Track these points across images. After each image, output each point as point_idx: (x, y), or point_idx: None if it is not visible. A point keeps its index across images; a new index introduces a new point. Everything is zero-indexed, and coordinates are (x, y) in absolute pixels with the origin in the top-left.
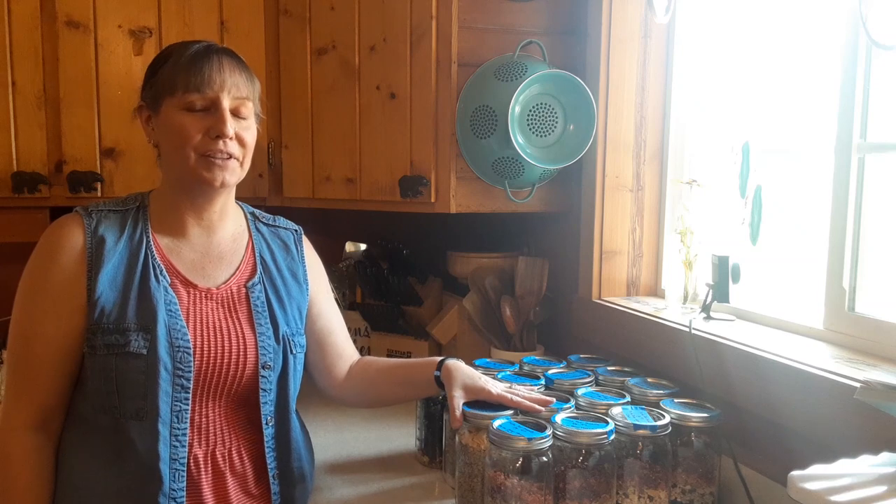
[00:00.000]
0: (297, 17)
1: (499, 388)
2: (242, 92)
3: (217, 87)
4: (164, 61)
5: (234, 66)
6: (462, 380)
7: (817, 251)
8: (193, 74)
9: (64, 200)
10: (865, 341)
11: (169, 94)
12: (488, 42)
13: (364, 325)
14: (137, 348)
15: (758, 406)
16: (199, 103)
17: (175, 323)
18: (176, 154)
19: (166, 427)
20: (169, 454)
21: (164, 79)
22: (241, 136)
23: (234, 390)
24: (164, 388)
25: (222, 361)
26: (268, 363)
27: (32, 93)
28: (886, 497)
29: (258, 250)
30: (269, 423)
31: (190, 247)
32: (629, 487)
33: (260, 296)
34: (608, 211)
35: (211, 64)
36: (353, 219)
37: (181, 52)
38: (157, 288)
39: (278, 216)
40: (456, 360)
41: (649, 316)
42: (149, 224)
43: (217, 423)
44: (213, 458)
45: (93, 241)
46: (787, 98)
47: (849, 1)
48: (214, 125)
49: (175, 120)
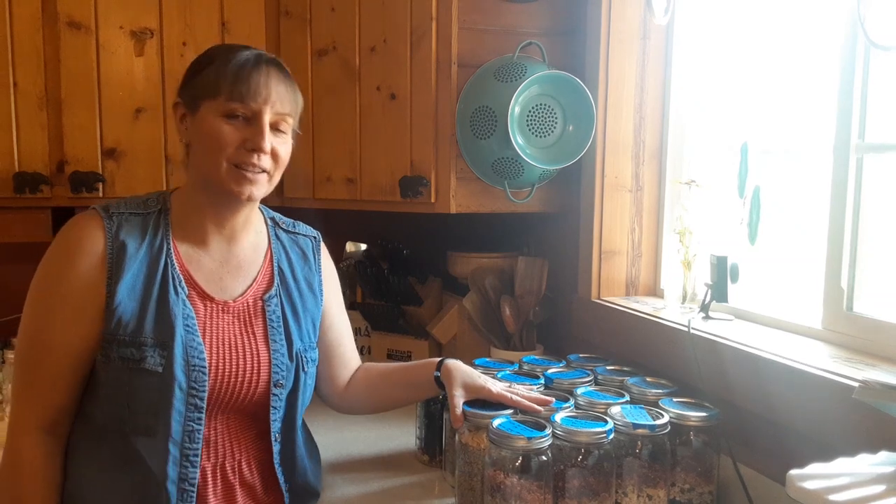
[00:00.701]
0: (298, 18)
1: (498, 387)
2: (286, 108)
3: (261, 99)
4: (208, 62)
5: (282, 79)
6: (462, 379)
7: (815, 251)
8: (240, 83)
9: (65, 201)
10: (864, 341)
11: (210, 97)
12: (488, 43)
13: (364, 325)
14: (153, 365)
15: (756, 405)
16: (240, 112)
17: (192, 340)
18: (208, 159)
19: (177, 447)
20: (178, 474)
21: (208, 80)
22: (275, 151)
23: (245, 407)
24: (178, 407)
25: (236, 380)
26: (280, 381)
27: (34, 93)
28: (885, 496)
29: (276, 260)
30: (276, 439)
31: (209, 256)
32: (628, 486)
33: (276, 309)
34: (607, 211)
35: (259, 75)
36: (353, 219)
37: (229, 56)
38: (176, 301)
39: (298, 221)
40: (455, 360)
41: (648, 316)
42: (170, 230)
43: (225, 436)
44: (223, 471)
45: (114, 247)
46: (786, 98)
47: (847, 2)
48: (252, 138)
49: (213, 125)
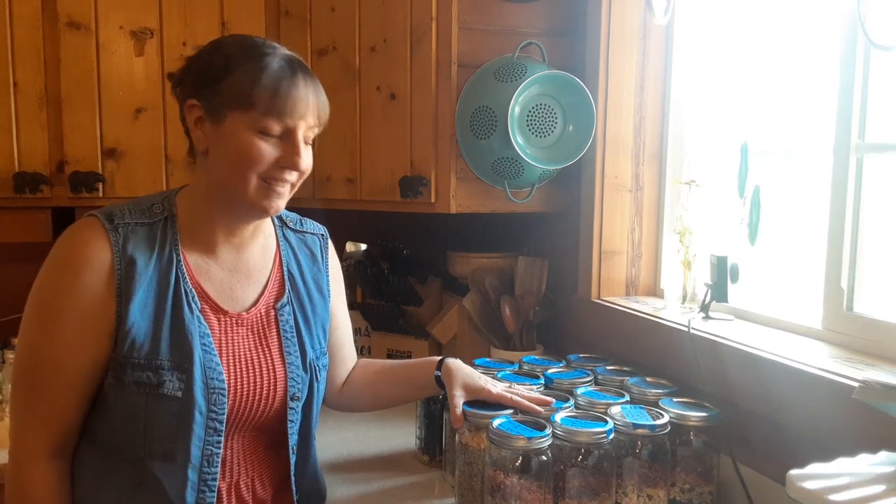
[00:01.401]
0: (298, 18)
1: (498, 387)
2: (319, 121)
3: (298, 115)
4: (234, 64)
5: (317, 91)
6: (462, 379)
7: (816, 251)
8: (278, 98)
9: (65, 201)
10: (864, 341)
11: (241, 109)
12: (488, 43)
13: (364, 325)
14: (172, 390)
15: (756, 405)
16: (276, 129)
17: (210, 360)
18: (235, 174)
19: (195, 472)
20: (196, 499)
21: (239, 89)
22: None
23: (261, 422)
24: (198, 432)
25: (253, 399)
26: (296, 394)
27: (34, 93)
28: (885, 496)
29: (286, 263)
30: (294, 451)
31: (219, 265)
32: (628, 486)
33: (289, 319)
34: (607, 211)
35: (297, 89)
36: (353, 219)
37: (259, 63)
38: (191, 319)
39: (306, 218)
40: (456, 360)
41: (648, 316)
42: (178, 239)
43: (241, 455)
44: (237, 490)
45: (122, 262)
46: (786, 98)
47: (847, 1)
48: (288, 156)
49: (244, 140)
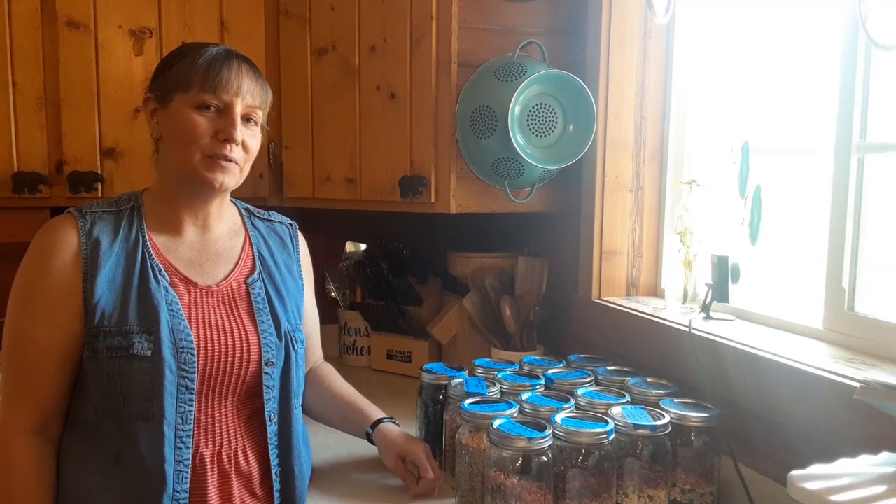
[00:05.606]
0: (298, 18)
1: (422, 456)
2: (256, 100)
3: (233, 91)
4: (180, 57)
5: (252, 73)
6: (395, 449)
7: (817, 251)
8: (212, 75)
9: (64, 200)
10: (865, 341)
11: (182, 90)
12: (488, 42)
13: (364, 325)
14: (142, 350)
15: (757, 406)
16: (212, 104)
17: (178, 323)
18: (180, 151)
19: (171, 429)
20: (173, 456)
21: (180, 74)
22: (246, 143)
23: (239, 389)
24: (169, 389)
25: (226, 360)
26: (271, 360)
27: (33, 93)
28: (886, 497)
29: (256, 246)
30: (272, 419)
31: (186, 245)
32: (629, 487)
33: (260, 292)
34: (608, 211)
35: (230, 68)
36: (353, 219)
37: (200, 52)
38: (158, 288)
39: (272, 211)
40: (389, 425)
41: (649, 316)
42: (144, 223)
43: (224, 424)
44: (220, 459)
45: (88, 243)
46: (787, 98)
47: (848, 1)
48: (224, 128)
49: (185, 117)
